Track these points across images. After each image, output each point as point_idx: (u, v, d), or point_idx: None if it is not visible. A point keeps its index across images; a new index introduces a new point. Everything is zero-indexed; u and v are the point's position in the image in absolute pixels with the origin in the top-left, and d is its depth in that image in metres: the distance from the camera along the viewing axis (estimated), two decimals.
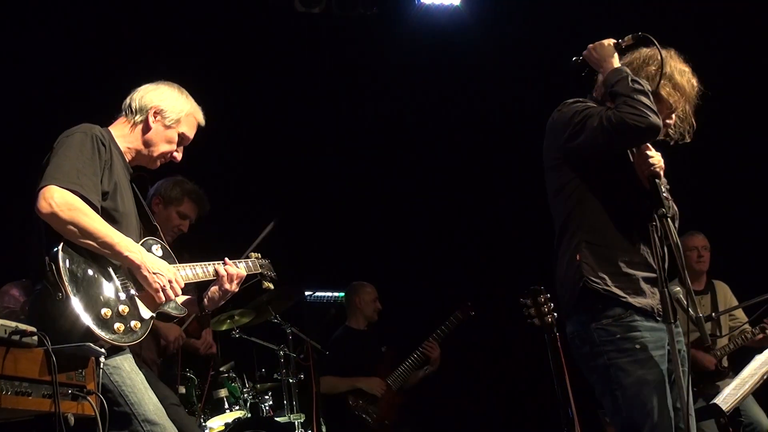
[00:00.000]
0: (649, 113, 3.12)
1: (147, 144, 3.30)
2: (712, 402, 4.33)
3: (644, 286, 3.23)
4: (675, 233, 3.16)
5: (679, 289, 3.14)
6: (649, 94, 3.17)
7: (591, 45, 3.38)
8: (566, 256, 3.30)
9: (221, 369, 5.48)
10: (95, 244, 2.98)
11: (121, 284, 3.07)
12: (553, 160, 3.40)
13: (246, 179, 7.28)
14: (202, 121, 3.42)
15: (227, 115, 7.16)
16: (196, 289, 3.40)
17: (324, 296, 7.38)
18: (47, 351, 2.69)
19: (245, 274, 3.42)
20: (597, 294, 3.19)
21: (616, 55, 3.32)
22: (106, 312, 2.95)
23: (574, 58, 3.44)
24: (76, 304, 2.87)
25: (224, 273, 3.32)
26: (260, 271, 3.63)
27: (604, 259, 3.22)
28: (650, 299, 3.22)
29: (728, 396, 4.31)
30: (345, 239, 7.61)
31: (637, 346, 3.15)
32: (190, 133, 3.38)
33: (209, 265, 3.34)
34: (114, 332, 2.95)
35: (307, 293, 6.82)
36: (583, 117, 3.24)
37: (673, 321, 3.10)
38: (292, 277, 6.03)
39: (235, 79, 7.19)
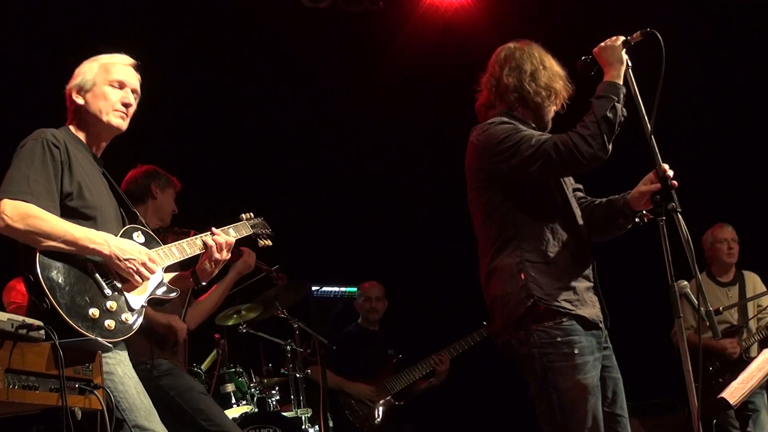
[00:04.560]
0: (597, 146, 3.20)
1: (94, 115, 3.22)
2: (719, 396, 4.32)
3: (586, 296, 3.34)
4: (686, 229, 3.15)
5: (686, 283, 3.13)
6: (617, 126, 3.23)
7: (602, 43, 3.39)
8: (503, 274, 3.34)
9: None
10: (60, 245, 2.94)
11: (104, 281, 3.04)
12: (478, 182, 3.46)
13: (253, 173, 7.28)
14: (128, 59, 3.32)
15: (234, 109, 7.18)
16: (180, 266, 3.36)
17: (331, 291, 7.38)
18: (54, 345, 2.70)
19: (233, 240, 3.38)
20: (546, 309, 3.26)
21: (624, 63, 3.33)
22: (93, 312, 2.94)
23: (583, 57, 3.45)
24: (63, 310, 2.87)
25: (212, 243, 3.29)
26: (253, 231, 3.60)
27: (549, 276, 3.30)
28: (592, 308, 3.34)
29: (736, 390, 4.29)
30: (353, 233, 7.60)
31: (576, 351, 3.24)
32: (124, 76, 3.27)
33: (196, 238, 3.31)
34: (105, 330, 2.95)
35: (314, 288, 6.81)
36: (517, 141, 3.32)
37: (680, 315, 3.10)
38: (299, 272, 6.04)
39: (242, 74, 7.19)
